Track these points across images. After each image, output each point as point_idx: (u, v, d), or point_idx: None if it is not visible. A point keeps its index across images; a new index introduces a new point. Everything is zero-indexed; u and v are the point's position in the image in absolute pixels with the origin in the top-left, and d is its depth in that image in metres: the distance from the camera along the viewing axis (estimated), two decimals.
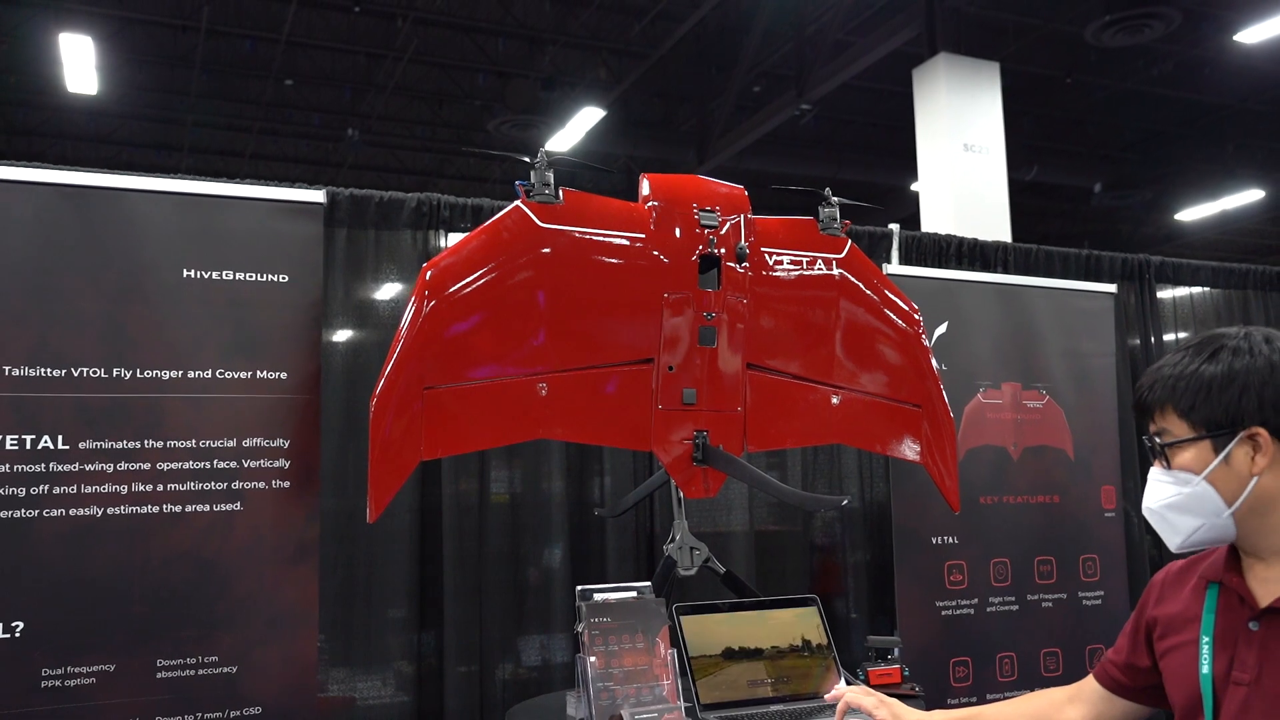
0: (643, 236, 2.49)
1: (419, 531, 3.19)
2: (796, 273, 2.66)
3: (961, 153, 7.54)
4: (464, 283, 2.35)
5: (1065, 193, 13.80)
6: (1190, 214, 14.40)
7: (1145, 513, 1.59)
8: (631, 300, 2.47)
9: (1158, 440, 1.55)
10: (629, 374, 2.50)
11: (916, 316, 2.84)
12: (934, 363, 2.86)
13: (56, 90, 9.80)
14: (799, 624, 2.51)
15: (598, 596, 2.30)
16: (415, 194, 3.38)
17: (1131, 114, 12.40)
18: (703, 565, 2.67)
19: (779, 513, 3.92)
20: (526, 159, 2.51)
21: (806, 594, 2.57)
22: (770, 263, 2.62)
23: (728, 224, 2.52)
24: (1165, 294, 4.70)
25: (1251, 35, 9.20)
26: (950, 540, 3.43)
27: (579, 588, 2.31)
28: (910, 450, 2.82)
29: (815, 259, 2.70)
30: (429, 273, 2.34)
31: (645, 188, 2.58)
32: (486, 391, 2.37)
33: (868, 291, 2.78)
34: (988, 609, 3.47)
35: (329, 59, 10.92)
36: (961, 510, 2.98)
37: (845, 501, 2.69)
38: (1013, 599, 3.52)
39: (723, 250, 2.50)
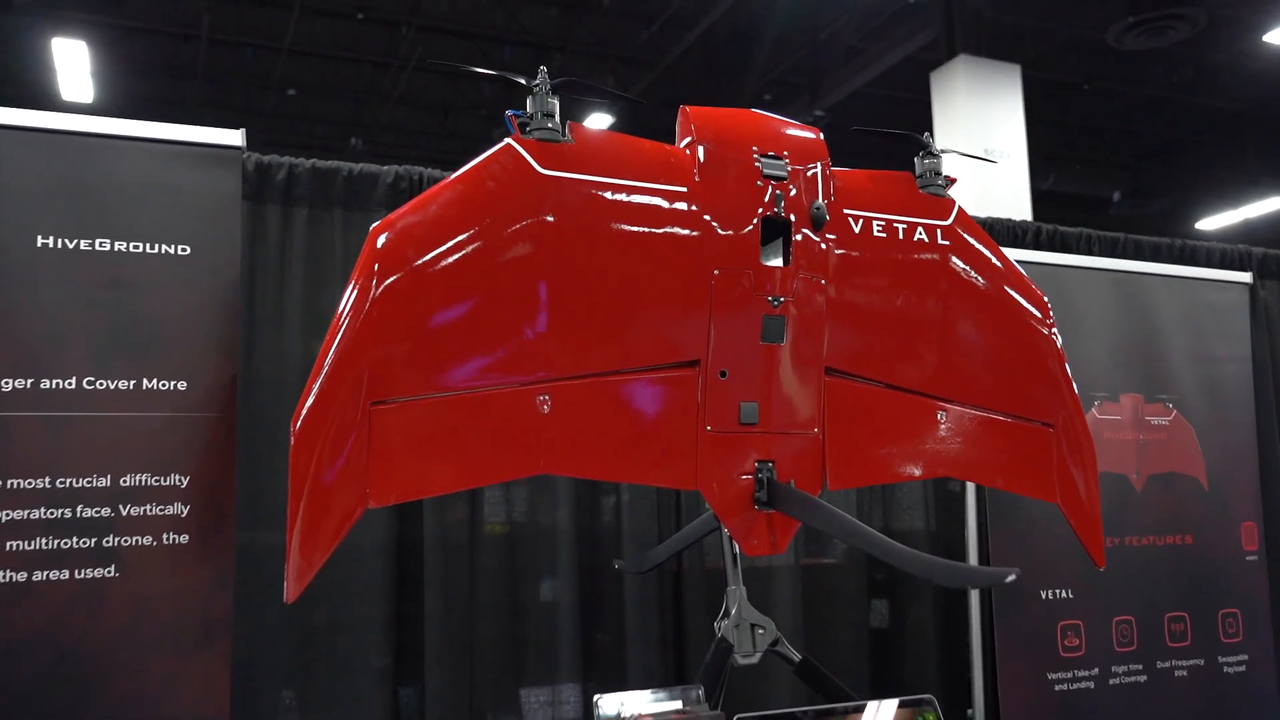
0: (684, 190, 1.83)
1: (394, 573, 2.75)
2: (892, 244, 1.96)
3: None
4: (433, 254, 1.68)
5: (1083, 202, 13.62)
6: (1211, 223, 14.26)
7: None
8: (668, 280, 1.85)
9: None
10: (665, 382, 1.82)
11: (1047, 304, 2.12)
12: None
13: (51, 99, 9.57)
14: None
15: (626, 708, 1.57)
16: (393, 166, 2.91)
17: (1150, 121, 12.20)
18: (769, 650, 1.94)
19: (829, 544, 3.36)
20: (522, 80, 1.80)
21: (922, 694, 1.84)
22: (857, 230, 1.94)
23: (800, 177, 1.83)
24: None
25: None
26: (1064, 594, 2.76)
27: (598, 697, 1.58)
28: (1040, 485, 2.09)
29: (915, 225, 2.01)
30: (381, 237, 1.66)
31: (687, 125, 1.89)
32: (464, 406, 1.69)
33: (981, 274, 2.07)
34: (1110, 680, 2.82)
35: (332, 68, 10.74)
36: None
37: (1010, 578, 1.71)
38: (1140, 667, 2.89)
39: (793, 215, 1.80)
